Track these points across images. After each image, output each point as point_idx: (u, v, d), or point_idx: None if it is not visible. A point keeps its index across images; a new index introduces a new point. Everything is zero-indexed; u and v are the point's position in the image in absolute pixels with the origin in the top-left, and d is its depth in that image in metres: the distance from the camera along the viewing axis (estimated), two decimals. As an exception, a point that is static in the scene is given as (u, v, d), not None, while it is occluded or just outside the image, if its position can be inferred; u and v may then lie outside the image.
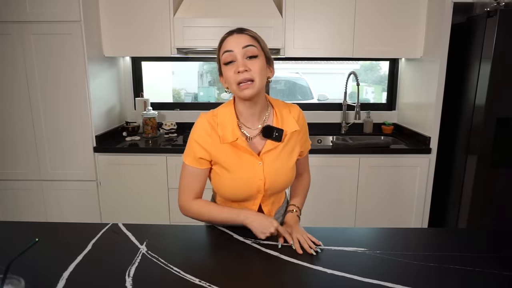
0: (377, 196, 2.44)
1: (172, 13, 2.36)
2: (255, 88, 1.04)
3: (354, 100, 2.77)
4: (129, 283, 0.89)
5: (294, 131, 1.14)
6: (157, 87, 3.47)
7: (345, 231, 1.23)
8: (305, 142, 1.22)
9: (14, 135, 2.35)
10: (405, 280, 0.90)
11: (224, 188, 1.15)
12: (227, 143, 1.09)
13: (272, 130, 1.10)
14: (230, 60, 1.04)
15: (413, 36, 2.43)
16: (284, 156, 1.13)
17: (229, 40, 1.05)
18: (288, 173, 1.14)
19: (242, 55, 1.03)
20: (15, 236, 1.16)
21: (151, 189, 2.41)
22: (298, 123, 1.16)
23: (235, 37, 1.05)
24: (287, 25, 2.40)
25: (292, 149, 1.15)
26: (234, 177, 1.11)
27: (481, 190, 2.15)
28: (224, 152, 1.10)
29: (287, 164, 1.14)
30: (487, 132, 2.08)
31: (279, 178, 1.13)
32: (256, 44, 1.05)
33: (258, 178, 1.11)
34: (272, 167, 1.11)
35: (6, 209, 2.46)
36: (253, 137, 1.13)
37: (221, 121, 1.10)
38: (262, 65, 1.05)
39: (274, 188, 1.14)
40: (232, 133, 1.09)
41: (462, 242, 1.12)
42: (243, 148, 1.09)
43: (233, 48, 1.03)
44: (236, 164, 1.10)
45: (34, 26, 2.19)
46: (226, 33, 1.08)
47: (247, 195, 1.13)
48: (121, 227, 1.19)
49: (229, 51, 1.04)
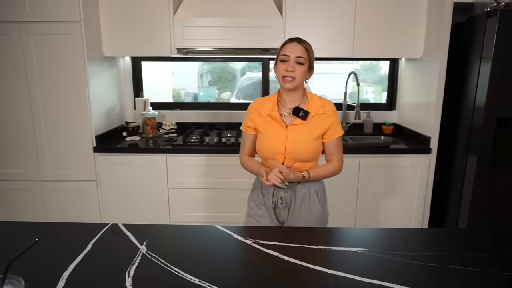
0: (377, 196, 2.43)
1: (172, 13, 2.36)
2: (294, 84, 1.40)
3: (354, 100, 2.77)
4: (129, 283, 0.89)
5: (318, 114, 1.43)
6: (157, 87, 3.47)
7: (345, 231, 1.23)
8: (332, 128, 1.44)
9: (14, 135, 2.35)
10: (405, 280, 0.90)
11: (260, 147, 1.48)
12: (265, 115, 1.46)
13: (299, 110, 1.42)
14: (285, 60, 1.39)
15: (413, 36, 2.43)
16: (306, 131, 1.41)
17: (289, 46, 1.41)
18: (308, 144, 1.41)
19: (294, 60, 1.38)
20: (15, 236, 1.16)
21: (151, 189, 2.41)
22: (324, 109, 1.44)
23: (293, 45, 1.40)
24: (287, 25, 2.40)
25: (314, 128, 1.42)
26: (265, 138, 1.45)
27: (481, 190, 2.15)
28: (263, 122, 1.47)
29: (307, 138, 1.41)
30: (487, 132, 2.08)
31: (298, 146, 1.40)
32: (305, 56, 1.40)
33: (281, 143, 1.41)
34: (294, 137, 1.41)
35: (6, 209, 2.46)
36: (286, 114, 1.46)
37: (266, 101, 1.50)
38: (304, 71, 1.41)
39: (293, 153, 1.41)
40: (270, 108, 1.46)
41: (462, 242, 1.12)
42: (276, 118, 1.44)
43: (290, 54, 1.39)
44: (268, 130, 1.45)
45: (34, 26, 2.19)
46: (289, 39, 1.44)
47: (271, 154, 1.44)
48: (121, 227, 1.19)
49: (286, 55, 1.39)
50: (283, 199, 1.44)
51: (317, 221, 1.48)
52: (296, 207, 1.45)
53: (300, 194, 1.45)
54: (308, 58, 1.41)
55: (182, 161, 2.37)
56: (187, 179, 2.40)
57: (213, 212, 2.42)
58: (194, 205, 2.43)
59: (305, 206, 1.46)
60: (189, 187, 2.40)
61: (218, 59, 2.96)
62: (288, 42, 1.42)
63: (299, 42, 1.41)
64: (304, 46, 1.40)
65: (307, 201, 1.46)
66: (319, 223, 1.49)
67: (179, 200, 2.43)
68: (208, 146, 2.39)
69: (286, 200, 1.45)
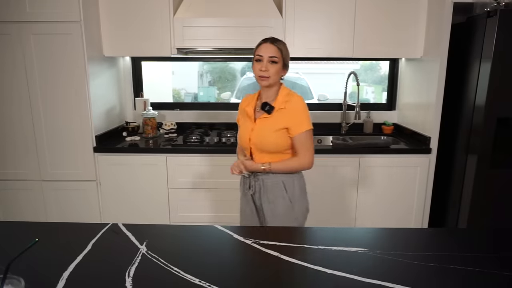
0: (377, 196, 2.44)
1: (172, 13, 2.36)
2: (268, 82, 1.50)
3: (354, 100, 2.77)
4: (129, 283, 0.89)
5: (281, 108, 1.51)
6: (157, 87, 3.47)
7: (345, 231, 1.23)
8: (294, 123, 1.50)
9: (14, 135, 2.35)
10: (405, 280, 0.90)
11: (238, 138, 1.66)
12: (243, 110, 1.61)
13: (266, 105, 1.53)
14: (260, 60, 1.49)
15: (413, 36, 2.43)
16: (269, 124, 1.52)
17: (263, 46, 1.50)
18: (270, 136, 1.51)
19: (267, 60, 1.48)
20: (15, 236, 1.16)
21: (151, 189, 2.41)
22: (287, 105, 1.51)
23: (267, 46, 1.49)
24: (287, 25, 2.40)
25: (277, 121, 1.51)
26: (239, 130, 1.63)
27: (481, 190, 2.15)
28: (241, 115, 1.65)
29: (269, 130, 1.51)
30: (487, 132, 2.08)
31: (261, 138, 1.53)
32: (278, 55, 1.49)
33: (248, 134, 1.56)
34: (259, 129, 1.54)
35: (6, 209, 2.46)
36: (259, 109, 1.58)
37: (250, 96, 1.65)
38: (278, 69, 1.50)
39: (257, 143, 1.54)
40: (248, 104, 1.60)
41: (462, 242, 1.12)
42: (248, 113, 1.58)
43: (263, 54, 1.49)
44: (242, 123, 1.63)
45: (34, 26, 2.19)
46: (263, 39, 1.53)
47: (241, 144, 1.63)
48: (121, 227, 1.19)
49: (260, 55, 1.49)
50: (251, 186, 1.59)
51: (286, 211, 1.56)
52: (265, 196, 1.57)
53: (267, 184, 1.56)
54: (282, 57, 1.50)
55: (182, 161, 2.37)
56: (187, 179, 2.40)
57: (213, 212, 2.42)
58: (194, 205, 2.43)
59: (272, 196, 1.56)
60: (189, 187, 2.40)
61: (218, 59, 2.96)
62: (262, 42, 1.51)
63: (272, 42, 1.49)
64: (277, 46, 1.48)
65: (274, 191, 1.55)
66: (289, 214, 1.56)
67: (179, 200, 2.43)
68: (208, 146, 2.39)
69: (255, 188, 1.58)
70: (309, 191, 1.68)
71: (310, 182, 2.41)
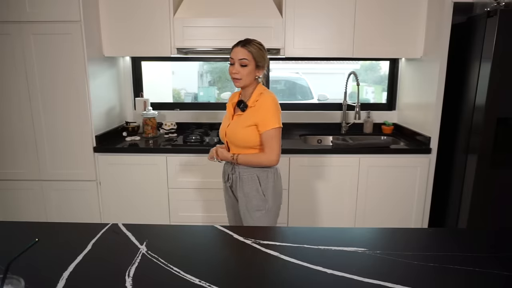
0: (377, 196, 2.44)
1: (172, 13, 2.36)
2: (241, 83, 1.61)
3: (354, 100, 2.77)
4: (129, 283, 0.89)
5: (251, 106, 1.61)
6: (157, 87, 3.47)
7: (345, 231, 1.23)
8: (262, 120, 1.58)
9: (14, 135, 2.35)
10: (405, 280, 0.90)
11: None
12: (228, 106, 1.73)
13: (240, 103, 1.64)
14: (232, 63, 1.60)
15: (413, 36, 2.43)
16: (241, 121, 1.63)
17: (234, 50, 1.59)
18: (241, 132, 1.61)
19: (238, 63, 1.58)
20: (15, 236, 1.16)
21: (151, 189, 2.41)
22: (257, 103, 1.60)
23: (237, 50, 1.57)
24: (287, 25, 2.40)
25: (247, 118, 1.61)
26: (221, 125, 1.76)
27: (481, 190, 2.15)
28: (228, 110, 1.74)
29: (241, 126, 1.62)
30: (487, 132, 2.08)
31: (233, 133, 1.64)
32: (249, 57, 1.57)
33: (224, 129, 1.70)
34: (233, 125, 1.66)
35: (6, 209, 2.46)
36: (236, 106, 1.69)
37: (235, 94, 1.75)
38: (250, 71, 1.59)
39: (230, 139, 1.66)
40: (231, 101, 1.72)
41: (462, 242, 1.12)
42: (229, 109, 1.72)
43: (234, 57, 1.58)
44: (224, 118, 1.76)
45: (34, 26, 2.19)
46: (236, 42, 1.61)
47: (221, 139, 1.75)
48: (121, 227, 1.19)
49: (231, 58, 1.59)
50: (229, 177, 1.71)
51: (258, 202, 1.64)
52: (241, 189, 1.66)
53: (243, 177, 1.65)
54: (253, 58, 1.57)
55: (182, 161, 2.37)
56: (187, 179, 2.40)
57: (213, 212, 2.42)
58: (194, 205, 2.43)
59: (247, 188, 1.65)
60: (189, 187, 2.40)
61: (218, 59, 2.96)
62: (234, 46, 1.60)
63: (243, 45, 1.57)
64: (247, 49, 1.56)
65: (249, 184, 1.64)
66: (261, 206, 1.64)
67: (179, 200, 2.43)
68: (208, 146, 2.39)
69: (232, 180, 1.69)
70: (309, 191, 1.69)
71: (310, 182, 2.42)
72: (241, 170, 1.66)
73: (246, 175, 1.65)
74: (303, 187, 2.38)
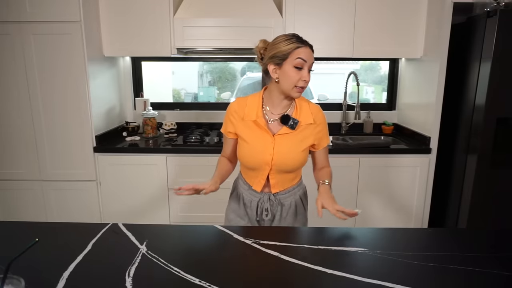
0: (377, 196, 2.43)
1: (172, 13, 2.36)
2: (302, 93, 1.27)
3: (354, 100, 2.77)
4: (129, 283, 0.89)
5: (309, 124, 1.32)
6: (157, 87, 3.47)
7: (345, 231, 1.23)
8: (322, 137, 1.37)
9: (14, 135, 2.34)
10: (405, 280, 0.90)
11: (242, 155, 1.35)
12: (249, 121, 1.31)
13: (289, 119, 1.30)
14: (301, 67, 1.22)
15: (413, 36, 2.43)
16: (295, 142, 1.31)
17: (305, 50, 1.22)
18: (296, 156, 1.31)
19: (308, 67, 1.23)
20: (15, 236, 1.16)
21: (151, 189, 2.41)
22: (315, 118, 1.34)
23: (308, 50, 1.24)
24: (287, 25, 2.40)
25: (304, 138, 1.32)
26: (249, 147, 1.32)
27: (481, 190, 2.15)
28: (246, 127, 1.33)
29: (296, 149, 1.31)
30: (487, 132, 2.08)
31: (286, 158, 1.30)
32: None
33: (268, 153, 1.29)
34: (282, 147, 1.29)
35: (6, 209, 2.46)
36: (273, 121, 1.33)
37: (249, 103, 1.34)
38: None
39: (280, 165, 1.31)
40: (255, 114, 1.31)
41: (462, 242, 1.12)
42: (261, 126, 1.30)
43: (307, 60, 1.22)
44: (253, 138, 1.31)
45: (34, 26, 2.19)
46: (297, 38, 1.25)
47: (257, 164, 1.32)
48: (121, 227, 1.19)
49: (304, 60, 1.21)
50: (268, 210, 1.36)
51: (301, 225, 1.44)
52: (282, 217, 1.38)
53: (287, 203, 1.38)
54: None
55: (182, 161, 2.37)
56: (187, 179, 2.40)
57: (213, 212, 2.42)
58: (194, 205, 2.43)
59: (291, 215, 1.39)
60: (189, 187, 2.40)
61: (218, 59, 2.96)
62: (300, 44, 1.23)
63: (311, 47, 1.26)
64: (312, 50, 1.27)
65: (294, 209, 1.40)
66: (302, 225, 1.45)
67: (179, 200, 2.43)
68: (208, 146, 2.39)
69: (272, 211, 1.37)
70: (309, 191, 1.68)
71: (310, 182, 2.41)
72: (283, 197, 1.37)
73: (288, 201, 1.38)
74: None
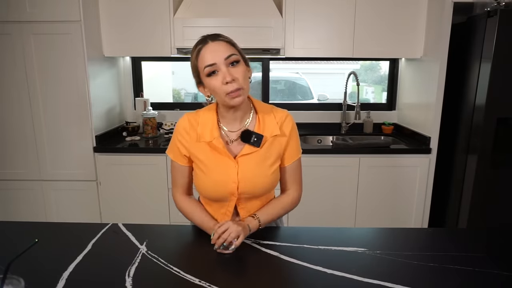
0: (377, 196, 2.43)
1: (172, 13, 2.36)
2: (245, 95, 1.03)
3: (354, 100, 2.77)
4: (129, 283, 0.89)
5: (275, 135, 1.11)
6: (157, 87, 3.47)
7: (345, 231, 1.23)
8: (291, 149, 1.15)
9: (14, 135, 2.35)
10: (405, 280, 0.90)
11: (200, 187, 1.14)
12: (204, 143, 1.09)
13: (250, 135, 1.08)
14: (214, 71, 1.01)
15: (413, 36, 2.43)
16: (262, 161, 1.10)
17: (207, 50, 1.01)
18: (265, 179, 1.11)
19: (225, 65, 1.01)
20: (15, 236, 1.16)
21: (151, 189, 2.41)
22: (282, 128, 1.12)
23: (213, 46, 1.01)
24: (287, 25, 2.40)
25: (272, 155, 1.12)
26: (208, 177, 1.10)
27: (481, 190, 2.15)
28: (201, 151, 1.11)
29: (265, 170, 1.11)
30: (487, 132, 2.08)
31: (254, 182, 1.10)
32: (235, 50, 1.04)
33: (231, 181, 1.09)
34: (248, 171, 1.09)
35: (6, 209, 2.46)
36: (233, 140, 1.12)
37: (202, 120, 1.11)
38: (244, 70, 1.04)
39: (248, 192, 1.11)
40: (211, 133, 1.09)
41: (462, 242, 1.12)
42: (219, 149, 1.08)
43: (215, 61, 1.00)
44: (211, 165, 1.10)
45: (34, 26, 2.19)
46: (200, 40, 1.04)
47: (220, 196, 1.12)
48: (121, 227, 1.19)
49: (211, 64, 1.00)
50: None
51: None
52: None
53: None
54: (238, 51, 1.06)
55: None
56: (187, 179, 2.39)
57: (213, 212, 2.41)
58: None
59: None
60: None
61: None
62: (201, 45, 1.03)
63: (216, 39, 1.04)
64: (225, 40, 1.05)
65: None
66: None
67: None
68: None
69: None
70: (309, 191, 1.67)
71: (310, 182, 2.41)
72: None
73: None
74: (303, 187, 2.37)
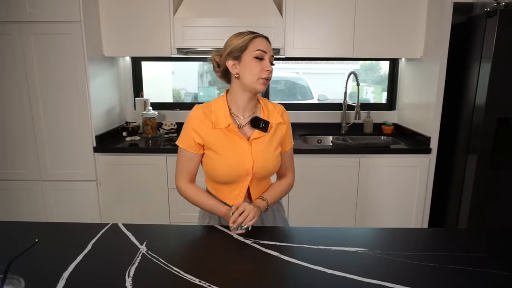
0: (377, 196, 2.44)
1: (172, 13, 2.36)
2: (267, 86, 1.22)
3: (354, 100, 2.77)
4: (129, 283, 0.89)
5: (278, 123, 1.27)
6: (157, 87, 3.47)
7: (345, 231, 1.23)
8: (286, 138, 1.32)
9: (15, 135, 2.35)
10: (405, 280, 0.90)
11: (216, 171, 1.24)
12: (219, 129, 1.22)
13: (259, 121, 1.24)
14: (261, 58, 1.18)
15: (413, 36, 2.43)
16: (270, 144, 1.25)
17: (262, 42, 1.19)
18: (274, 160, 1.26)
19: (269, 58, 1.20)
20: (15, 236, 1.16)
21: (151, 189, 2.41)
22: (282, 117, 1.30)
23: (266, 42, 1.20)
24: (287, 25, 2.40)
25: (276, 141, 1.27)
26: (225, 158, 1.21)
27: (481, 190, 2.15)
28: (216, 137, 1.22)
29: (273, 152, 1.26)
30: (487, 132, 2.08)
31: (266, 162, 1.24)
32: None
33: (247, 161, 1.22)
34: (260, 152, 1.23)
35: (6, 209, 2.46)
36: (243, 126, 1.25)
37: (215, 109, 1.25)
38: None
39: (261, 171, 1.24)
40: (225, 120, 1.22)
41: (462, 242, 1.12)
42: (235, 132, 1.22)
43: (267, 51, 1.19)
44: (227, 148, 1.22)
45: (34, 26, 2.19)
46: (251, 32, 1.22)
47: (237, 176, 1.23)
48: (121, 227, 1.19)
49: (264, 51, 1.18)
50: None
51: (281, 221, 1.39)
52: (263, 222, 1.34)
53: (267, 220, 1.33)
54: None
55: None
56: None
57: (213, 212, 2.42)
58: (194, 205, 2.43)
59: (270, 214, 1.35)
60: (189, 187, 2.40)
61: (218, 59, 2.96)
62: (256, 35, 1.20)
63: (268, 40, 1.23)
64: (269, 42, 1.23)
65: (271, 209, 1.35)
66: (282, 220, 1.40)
67: (179, 200, 2.42)
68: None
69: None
70: (309, 191, 1.67)
71: (310, 182, 2.42)
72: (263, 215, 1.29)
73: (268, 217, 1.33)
74: (303, 187, 2.38)
